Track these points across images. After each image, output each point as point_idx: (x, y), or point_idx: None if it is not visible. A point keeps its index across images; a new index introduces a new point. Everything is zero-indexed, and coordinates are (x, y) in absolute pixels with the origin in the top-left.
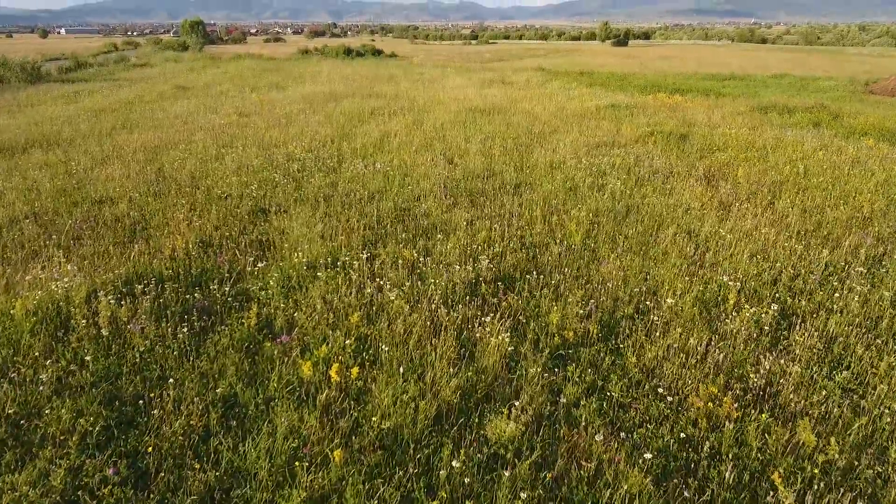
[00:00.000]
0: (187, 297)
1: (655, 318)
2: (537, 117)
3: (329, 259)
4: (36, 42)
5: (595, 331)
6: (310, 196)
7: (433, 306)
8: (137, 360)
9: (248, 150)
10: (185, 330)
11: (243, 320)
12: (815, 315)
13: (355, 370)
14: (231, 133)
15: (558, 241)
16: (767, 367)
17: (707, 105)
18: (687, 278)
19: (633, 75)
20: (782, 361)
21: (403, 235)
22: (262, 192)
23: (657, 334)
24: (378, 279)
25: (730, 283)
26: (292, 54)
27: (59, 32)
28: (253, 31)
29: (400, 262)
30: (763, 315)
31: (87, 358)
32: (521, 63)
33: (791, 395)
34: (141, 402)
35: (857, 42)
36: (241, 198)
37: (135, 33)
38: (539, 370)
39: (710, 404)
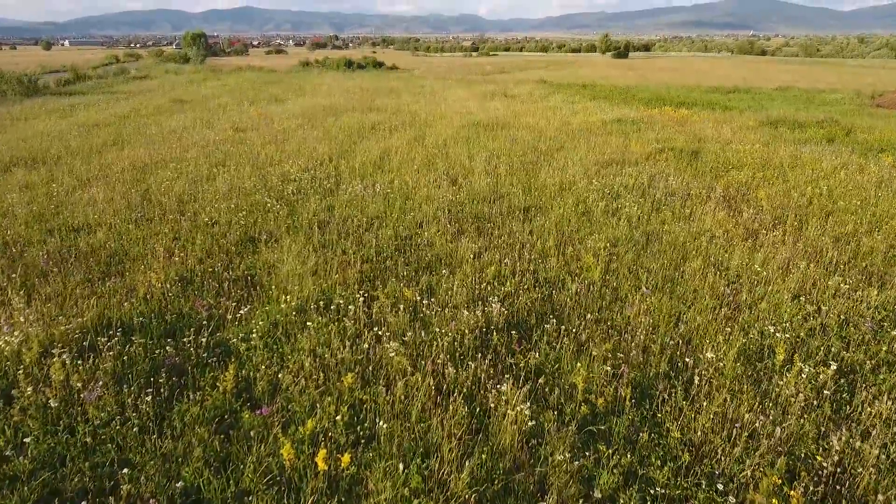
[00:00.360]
0: (157, 351)
1: (695, 378)
2: (542, 133)
3: (321, 301)
4: (39, 54)
5: (627, 394)
6: (304, 223)
7: (438, 363)
8: (89, 439)
9: (241, 170)
10: (150, 398)
11: (219, 383)
12: (876, 372)
13: (346, 457)
14: (225, 150)
15: (575, 275)
16: (837, 447)
17: (715, 119)
18: (724, 324)
19: (636, 88)
20: (853, 439)
21: (405, 270)
22: (253, 218)
23: (699, 398)
24: (376, 327)
25: (775, 331)
26: (293, 66)
27: (62, 44)
28: (255, 43)
29: (401, 304)
30: (820, 375)
31: (27, 440)
32: (522, 75)
33: (871, 485)
34: (84, 502)
35: (856, 54)
36: (229, 225)
37: (137, 45)
38: (567, 454)
39: (774, 501)
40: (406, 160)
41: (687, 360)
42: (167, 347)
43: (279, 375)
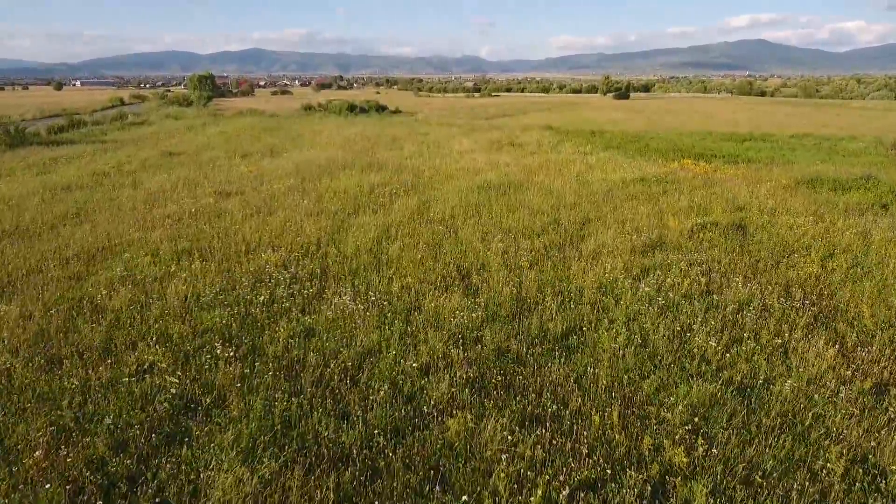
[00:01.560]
0: None
1: None
2: (560, 197)
3: None
4: (48, 94)
5: None
6: (266, 377)
7: None
8: None
9: (208, 265)
10: None
11: None
12: None
13: None
14: (198, 229)
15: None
16: None
17: (742, 176)
18: None
19: (647, 135)
20: None
21: (401, 487)
22: (196, 373)
23: None
24: None
25: None
26: (296, 111)
27: (74, 84)
28: (262, 83)
29: None
30: None
31: None
32: (526, 119)
33: None
34: None
35: (856, 95)
36: (152, 395)
37: (147, 85)
38: None
39: None
40: (408, 244)
41: None
42: None
43: None
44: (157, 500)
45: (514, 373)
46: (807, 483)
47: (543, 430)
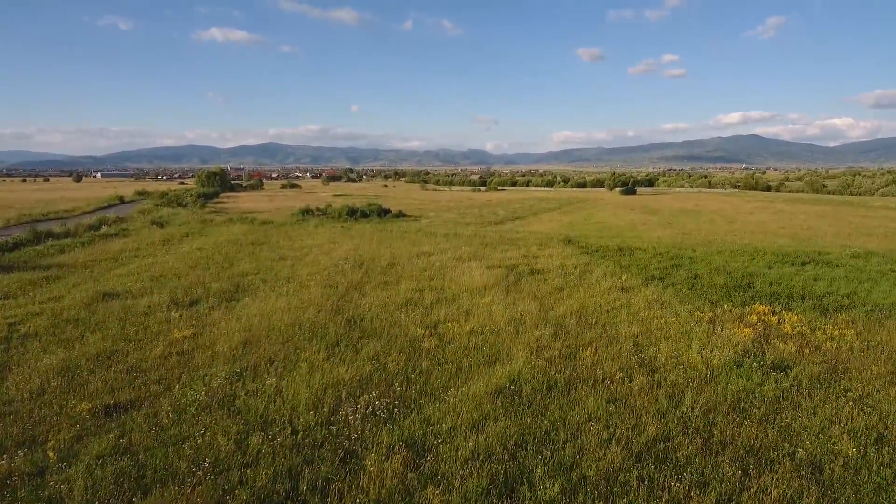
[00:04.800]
0: None
1: None
2: (627, 401)
3: None
4: (58, 188)
5: None
6: None
7: None
8: None
9: None
10: None
11: None
12: None
13: None
14: None
15: None
16: None
17: (858, 345)
18: None
19: (680, 253)
20: None
21: None
22: None
23: None
24: None
25: None
26: (293, 214)
27: (95, 176)
28: (274, 175)
29: None
30: None
31: None
32: (539, 223)
33: None
34: None
35: (864, 190)
36: None
37: (164, 178)
38: None
39: None
40: None
41: None
42: None
43: None
44: None
45: None
46: None
47: None
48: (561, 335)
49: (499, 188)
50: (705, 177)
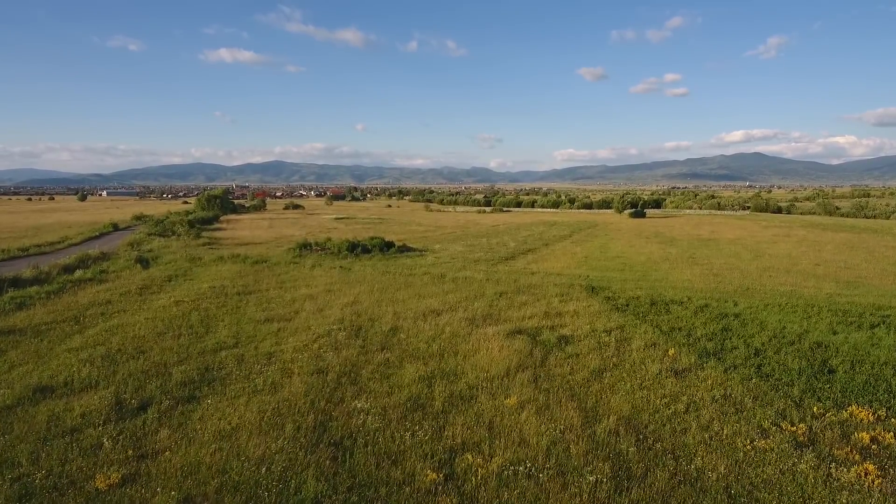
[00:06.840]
0: None
1: None
2: None
3: None
4: (68, 207)
5: None
6: None
7: None
8: None
9: None
10: None
11: None
12: None
13: None
14: None
15: None
16: None
17: None
18: None
19: (721, 307)
20: None
21: None
22: None
23: None
24: None
25: None
26: (290, 250)
27: (100, 194)
28: (279, 193)
29: None
30: None
31: None
32: (553, 260)
33: None
34: None
35: (878, 213)
36: None
37: (169, 196)
38: None
39: None
40: None
41: None
42: None
43: None
44: None
45: None
46: None
47: None
48: (622, 477)
49: (504, 209)
50: (713, 196)
